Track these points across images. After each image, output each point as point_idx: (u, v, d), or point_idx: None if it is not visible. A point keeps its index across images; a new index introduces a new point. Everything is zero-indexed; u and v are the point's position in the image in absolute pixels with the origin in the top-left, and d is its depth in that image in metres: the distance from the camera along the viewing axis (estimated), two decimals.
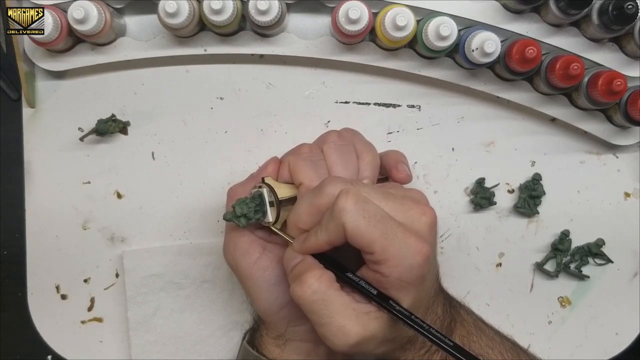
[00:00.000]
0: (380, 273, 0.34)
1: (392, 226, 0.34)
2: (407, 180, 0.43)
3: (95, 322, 0.51)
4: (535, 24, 0.46)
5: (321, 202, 0.36)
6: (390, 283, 0.34)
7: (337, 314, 0.34)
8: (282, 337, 0.42)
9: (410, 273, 0.34)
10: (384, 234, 0.34)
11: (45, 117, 0.50)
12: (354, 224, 0.33)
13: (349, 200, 0.34)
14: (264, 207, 0.39)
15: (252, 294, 0.41)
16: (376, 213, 0.34)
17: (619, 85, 0.44)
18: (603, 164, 0.53)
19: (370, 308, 0.35)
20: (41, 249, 0.51)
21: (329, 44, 0.48)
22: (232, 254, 0.41)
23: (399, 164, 0.44)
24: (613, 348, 0.53)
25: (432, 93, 0.51)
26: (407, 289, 0.35)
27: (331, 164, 0.40)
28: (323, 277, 0.35)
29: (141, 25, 0.49)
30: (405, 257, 0.34)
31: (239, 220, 0.39)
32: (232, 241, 0.41)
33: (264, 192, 0.39)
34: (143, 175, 0.51)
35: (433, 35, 0.44)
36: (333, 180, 0.36)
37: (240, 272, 0.41)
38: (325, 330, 0.34)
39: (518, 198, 0.52)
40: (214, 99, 0.51)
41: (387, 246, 0.34)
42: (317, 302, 0.34)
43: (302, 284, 0.35)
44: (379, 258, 0.34)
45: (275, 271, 0.40)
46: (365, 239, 0.34)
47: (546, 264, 0.52)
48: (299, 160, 0.40)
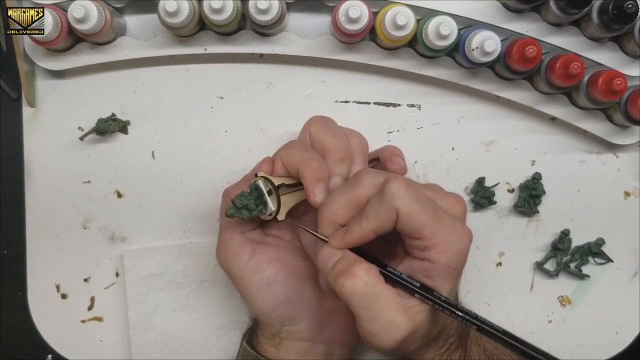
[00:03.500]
0: (429, 260, 0.34)
1: (441, 211, 0.35)
2: (401, 172, 0.44)
3: (95, 322, 0.51)
4: (536, 23, 0.47)
5: (360, 194, 0.36)
6: (437, 270, 0.34)
7: (387, 307, 0.34)
8: (277, 337, 0.42)
9: (458, 258, 0.35)
10: (435, 217, 0.34)
11: (45, 117, 0.50)
12: (408, 207, 0.33)
13: (402, 185, 0.34)
14: (262, 197, 0.39)
15: (246, 295, 0.41)
16: (427, 198, 0.35)
17: (619, 85, 0.44)
18: (603, 163, 0.53)
19: (414, 302, 0.35)
20: (41, 249, 0.51)
21: (329, 43, 0.48)
22: (224, 256, 0.41)
23: (393, 156, 0.44)
24: (613, 347, 0.53)
25: (432, 92, 0.51)
26: (452, 275, 0.35)
27: (322, 137, 0.41)
28: (371, 270, 0.35)
29: (141, 24, 0.49)
30: (453, 241, 0.34)
31: (241, 212, 0.39)
32: (223, 244, 0.42)
33: (260, 183, 0.39)
34: (143, 174, 0.51)
35: (433, 34, 0.44)
36: (369, 171, 0.37)
37: (232, 274, 0.41)
38: (375, 326, 0.34)
39: (518, 197, 0.52)
40: (214, 98, 0.51)
41: (438, 231, 0.34)
42: (368, 295, 0.34)
43: (353, 277, 0.34)
44: (428, 243, 0.34)
45: (267, 272, 0.41)
46: (417, 223, 0.34)
47: (546, 263, 0.52)
48: (290, 149, 0.41)
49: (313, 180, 0.38)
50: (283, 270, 0.41)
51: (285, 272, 0.42)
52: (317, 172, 0.38)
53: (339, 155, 0.41)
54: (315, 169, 0.38)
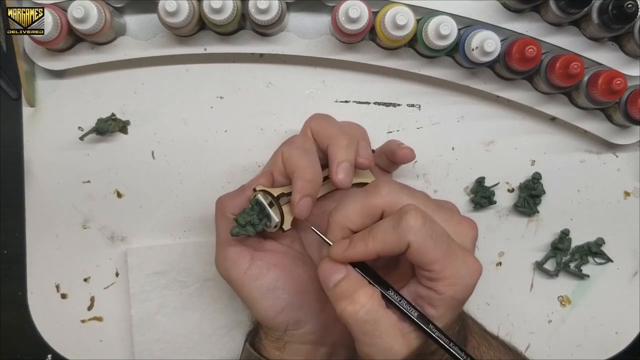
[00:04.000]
0: (435, 291, 0.34)
1: (454, 246, 0.34)
2: (410, 155, 0.44)
3: (95, 321, 0.51)
4: (535, 23, 0.47)
5: (375, 203, 0.35)
6: (442, 300, 0.34)
7: (386, 334, 0.34)
8: (281, 340, 0.42)
9: (464, 291, 0.34)
10: (447, 253, 0.33)
11: (45, 116, 0.50)
12: (422, 244, 0.33)
13: (419, 219, 0.33)
14: (265, 210, 0.39)
15: (248, 303, 0.41)
16: (442, 233, 0.34)
17: (619, 85, 0.44)
18: (603, 163, 0.53)
19: (413, 327, 0.35)
20: (41, 248, 0.51)
21: (329, 43, 0.48)
22: (223, 265, 0.41)
23: (400, 144, 0.45)
24: (613, 347, 0.53)
25: (432, 92, 0.51)
26: (456, 307, 0.35)
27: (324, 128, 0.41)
28: (374, 296, 0.34)
29: (141, 24, 0.49)
30: (463, 276, 0.34)
31: (246, 229, 0.39)
32: (222, 253, 0.41)
33: (260, 197, 0.39)
34: (143, 174, 0.51)
35: (433, 34, 0.44)
36: (388, 182, 0.36)
37: (232, 282, 0.41)
38: (372, 351, 0.34)
39: (518, 197, 0.52)
40: (214, 98, 0.51)
41: (448, 265, 0.33)
42: (368, 322, 0.34)
43: (355, 304, 0.34)
44: (437, 276, 0.33)
45: (267, 278, 0.40)
46: (429, 257, 0.33)
47: (546, 263, 0.52)
48: (291, 149, 0.41)
49: (300, 194, 0.38)
50: (284, 276, 0.41)
51: (286, 277, 0.41)
52: (308, 187, 0.38)
53: (344, 142, 0.40)
54: (307, 183, 0.38)
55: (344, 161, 0.40)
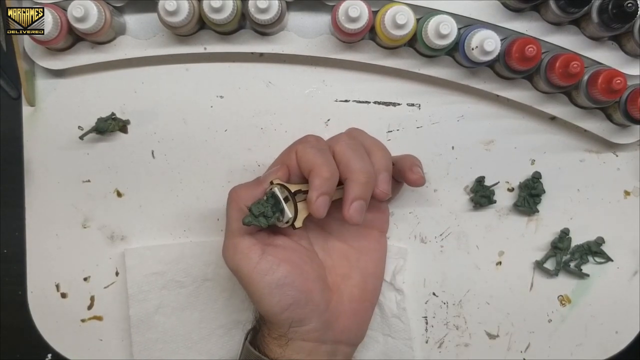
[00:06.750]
0: None
1: None
2: (420, 182, 0.44)
3: (95, 321, 0.51)
4: (535, 22, 0.47)
5: None
6: None
7: None
8: (285, 337, 0.42)
9: None
10: None
11: (45, 116, 0.50)
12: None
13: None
14: (279, 204, 0.39)
15: (255, 297, 0.41)
16: None
17: (619, 84, 0.44)
18: (603, 162, 0.53)
19: None
20: (41, 248, 0.51)
21: (329, 42, 0.48)
22: (232, 258, 0.41)
23: (413, 166, 0.45)
24: (613, 346, 0.53)
25: (432, 91, 0.51)
26: None
27: (347, 159, 0.41)
28: None
29: (141, 23, 0.49)
30: None
31: (259, 220, 0.39)
32: (232, 245, 0.41)
33: (276, 190, 0.39)
34: (143, 173, 0.51)
35: (433, 33, 0.44)
36: None
37: (241, 276, 0.41)
38: None
39: (518, 196, 0.52)
40: (214, 97, 0.51)
41: None
42: None
43: None
44: None
45: (277, 274, 0.40)
46: None
47: (546, 263, 0.52)
48: (307, 147, 0.41)
49: (318, 192, 0.38)
50: (293, 272, 0.41)
51: (295, 274, 0.41)
52: (326, 185, 0.39)
53: (363, 179, 0.40)
54: (325, 181, 0.39)
55: (358, 199, 0.40)
